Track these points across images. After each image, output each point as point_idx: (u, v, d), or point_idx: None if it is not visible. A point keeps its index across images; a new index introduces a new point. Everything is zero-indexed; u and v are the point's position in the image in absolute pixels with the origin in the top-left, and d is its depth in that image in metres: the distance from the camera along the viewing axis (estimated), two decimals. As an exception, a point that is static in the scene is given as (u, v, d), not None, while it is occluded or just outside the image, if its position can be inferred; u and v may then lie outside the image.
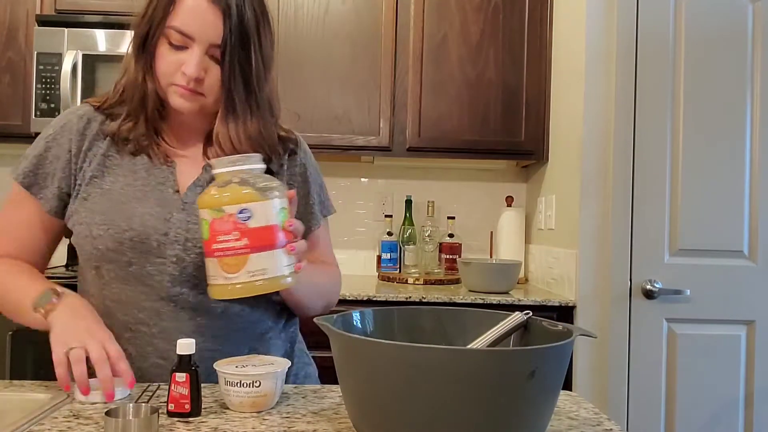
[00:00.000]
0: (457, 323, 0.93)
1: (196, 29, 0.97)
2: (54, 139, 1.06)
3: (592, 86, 2.15)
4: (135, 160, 1.05)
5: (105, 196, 1.02)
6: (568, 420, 0.87)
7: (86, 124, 1.06)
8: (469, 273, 2.33)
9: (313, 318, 0.86)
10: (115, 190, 1.03)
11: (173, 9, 0.97)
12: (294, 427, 0.81)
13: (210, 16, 0.97)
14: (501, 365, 0.66)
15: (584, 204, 2.15)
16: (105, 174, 1.04)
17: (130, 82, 1.03)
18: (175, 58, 0.99)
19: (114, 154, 1.05)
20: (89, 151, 1.05)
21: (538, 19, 2.53)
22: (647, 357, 2.09)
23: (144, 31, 1.00)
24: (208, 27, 0.97)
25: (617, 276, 2.11)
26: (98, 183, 1.03)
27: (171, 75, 1.00)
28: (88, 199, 1.03)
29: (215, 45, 0.98)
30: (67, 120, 1.07)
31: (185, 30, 0.97)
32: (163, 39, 0.99)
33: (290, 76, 2.49)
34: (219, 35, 0.98)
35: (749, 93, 2.12)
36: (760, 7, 2.12)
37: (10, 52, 2.44)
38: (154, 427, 0.73)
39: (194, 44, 0.98)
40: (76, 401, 0.89)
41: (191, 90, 1.00)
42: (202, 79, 1.00)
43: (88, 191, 1.03)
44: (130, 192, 1.03)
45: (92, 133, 1.06)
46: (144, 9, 1.01)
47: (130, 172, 1.04)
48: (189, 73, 0.98)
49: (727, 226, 2.11)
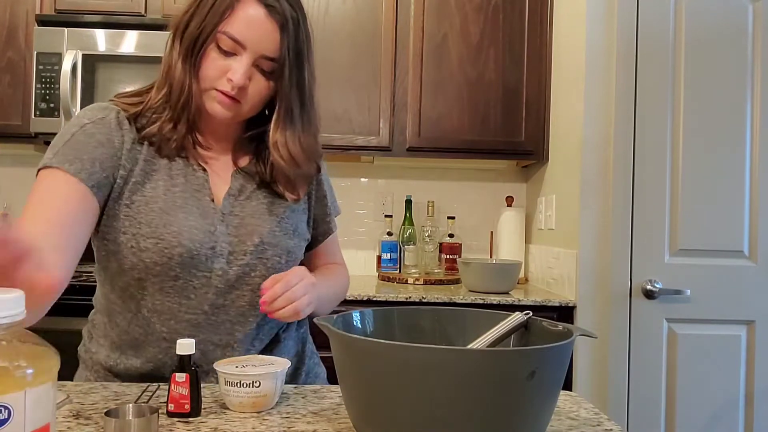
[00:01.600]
0: (457, 323, 0.93)
1: (250, 38, 0.97)
2: (94, 125, 0.99)
3: (592, 86, 2.15)
4: (171, 164, 1.03)
5: (149, 205, 0.99)
6: (568, 420, 0.87)
7: (122, 122, 1.02)
8: (469, 273, 2.33)
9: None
10: (158, 197, 1.00)
11: (230, 15, 0.97)
12: (294, 427, 0.81)
13: (267, 28, 0.98)
14: (501, 365, 0.66)
15: (584, 204, 2.15)
16: (146, 180, 1.01)
17: (178, 84, 1.00)
18: (223, 63, 0.98)
19: (152, 158, 1.03)
20: (131, 151, 1.01)
21: (538, 19, 2.53)
22: (647, 357, 2.09)
23: (195, 33, 0.99)
24: (262, 38, 0.98)
25: (617, 276, 2.11)
26: (141, 190, 1.00)
27: (215, 80, 0.99)
28: (132, 207, 0.99)
29: (265, 56, 0.99)
30: (105, 114, 1.01)
31: (239, 37, 0.97)
32: (213, 43, 0.98)
33: (290, 76, 2.49)
34: (271, 48, 0.98)
35: (749, 93, 2.12)
36: (760, 7, 2.12)
37: (10, 52, 2.44)
38: (154, 427, 0.73)
39: (244, 52, 0.98)
40: (75, 401, 0.89)
41: (232, 97, 0.99)
42: (246, 87, 0.99)
43: (131, 198, 0.99)
44: (170, 199, 1.01)
45: (130, 134, 1.02)
46: (190, 9, 1.00)
47: (168, 176, 1.03)
48: (236, 81, 0.97)
49: (727, 226, 2.11)
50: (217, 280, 1.02)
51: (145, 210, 0.99)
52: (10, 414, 0.50)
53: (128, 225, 0.98)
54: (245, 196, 1.07)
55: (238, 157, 1.10)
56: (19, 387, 0.50)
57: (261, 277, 1.04)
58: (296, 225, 1.10)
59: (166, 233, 0.98)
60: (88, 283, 2.15)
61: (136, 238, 0.98)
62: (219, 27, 0.97)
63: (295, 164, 1.06)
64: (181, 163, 1.04)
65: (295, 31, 1.00)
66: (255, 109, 1.04)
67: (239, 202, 1.06)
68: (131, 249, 0.98)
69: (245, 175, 1.08)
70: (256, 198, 1.08)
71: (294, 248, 1.09)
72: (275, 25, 0.98)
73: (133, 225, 0.98)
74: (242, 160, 1.10)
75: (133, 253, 0.98)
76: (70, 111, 2.31)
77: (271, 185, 1.09)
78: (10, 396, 0.49)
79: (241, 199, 1.06)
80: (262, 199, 1.08)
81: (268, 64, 0.99)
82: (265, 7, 0.97)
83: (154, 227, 0.98)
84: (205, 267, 1.01)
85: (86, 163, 0.95)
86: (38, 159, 2.79)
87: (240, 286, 1.03)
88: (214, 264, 1.01)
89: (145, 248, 0.97)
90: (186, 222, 1.00)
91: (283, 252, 1.06)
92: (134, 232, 0.98)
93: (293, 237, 1.09)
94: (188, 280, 1.00)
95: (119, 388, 0.96)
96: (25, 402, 0.50)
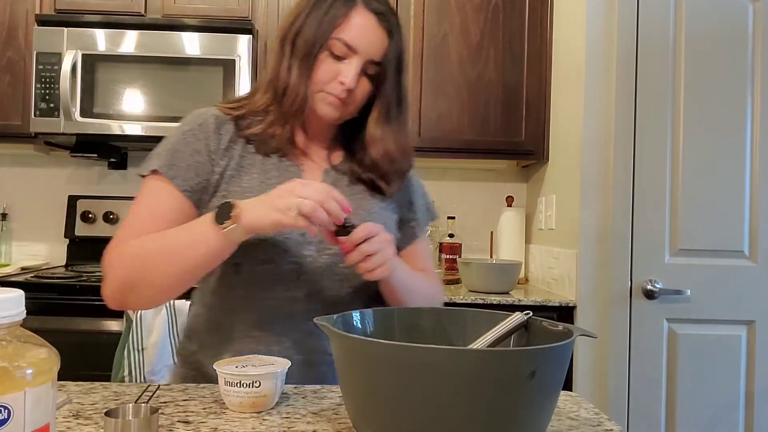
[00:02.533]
0: (457, 323, 0.93)
1: (362, 44, 1.05)
2: (192, 134, 1.08)
3: (592, 86, 2.15)
4: (266, 160, 1.10)
5: (244, 194, 1.04)
6: (569, 420, 0.87)
7: (221, 124, 1.10)
8: (469, 273, 2.33)
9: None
10: (253, 188, 1.06)
11: (343, 22, 1.04)
12: (294, 427, 0.81)
13: (377, 35, 1.06)
14: (501, 365, 0.66)
15: (584, 204, 2.15)
16: (242, 173, 1.07)
17: (292, 88, 1.07)
18: (334, 67, 1.05)
19: (248, 154, 1.09)
20: (227, 151, 1.08)
21: (538, 19, 2.53)
22: (647, 357, 2.09)
23: (311, 40, 1.05)
24: (372, 44, 1.06)
25: (617, 276, 2.11)
26: (237, 182, 1.07)
27: (325, 83, 1.06)
28: (228, 197, 1.04)
29: (373, 61, 1.06)
30: (204, 120, 1.10)
31: (352, 44, 1.04)
32: (327, 49, 1.05)
33: (290, 76, 2.49)
34: (379, 53, 1.07)
35: (749, 93, 2.12)
36: (760, 7, 2.12)
37: (10, 52, 2.44)
38: (154, 427, 0.73)
39: (355, 57, 1.05)
40: (75, 401, 0.89)
41: (342, 99, 1.06)
42: (353, 89, 1.06)
43: (228, 189, 1.06)
44: (264, 190, 1.04)
45: (228, 134, 1.09)
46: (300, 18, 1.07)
47: (262, 171, 1.08)
48: (347, 83, 1.04)
49: (727, 226, 2.11)
50: (307, 268, 1.06)
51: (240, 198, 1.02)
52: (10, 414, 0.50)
53: None
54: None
55: (331, 155, 1.17)
56: (19, 387, 0.50)
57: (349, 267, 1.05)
58: (385, 221, 1.13)
59: None
60: (89, 283, 2.15)
61: None
62: (333, 33, 1.04)
63: (391, 160, 1.12)
64: (276, 160, 1.10)
65: (398, 37, 1.09)
66: (357, 110, 1.11)
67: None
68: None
69: (337, 172, 1.15)
70: (346, 194, 1.11)
71: None
72: (384, 31, 1.07)
73: None
74: (335, 158, 1.17)
75: None
76: (70, 111, 2.31)
77: (364, 181, 1.14)
78: (10, 396, 0.49)
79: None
80: (352, 195, 1.12)
81: (373, 67, 1.07)
82: (375, 15, 1.06)
83: None
84: (296, 253, 1.05)
85: (182, 170, 1.05)
86: (38, 159, 2.80)
87: (329, 276, 1.07)
88: (304, 251, 1.06)
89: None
90: None
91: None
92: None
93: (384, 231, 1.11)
94: (279, 265, 1.05)
95: (119, 388, 0.96)
96: (25, 402, 0.50)
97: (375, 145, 1.11)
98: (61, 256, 2.75)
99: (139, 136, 2.37)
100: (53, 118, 2.34)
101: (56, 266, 2.70)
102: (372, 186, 1.15)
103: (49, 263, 2.76)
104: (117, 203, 2.70)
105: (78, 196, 2.72)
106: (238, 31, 2.39)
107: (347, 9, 1.05)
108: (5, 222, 2.75)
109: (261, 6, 2.51)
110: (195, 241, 0.96)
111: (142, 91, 2.36)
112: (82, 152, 2.51)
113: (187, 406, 0.89)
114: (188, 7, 2.49)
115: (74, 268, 2.51)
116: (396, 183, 1.16)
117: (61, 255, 2.76)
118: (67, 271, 2.44)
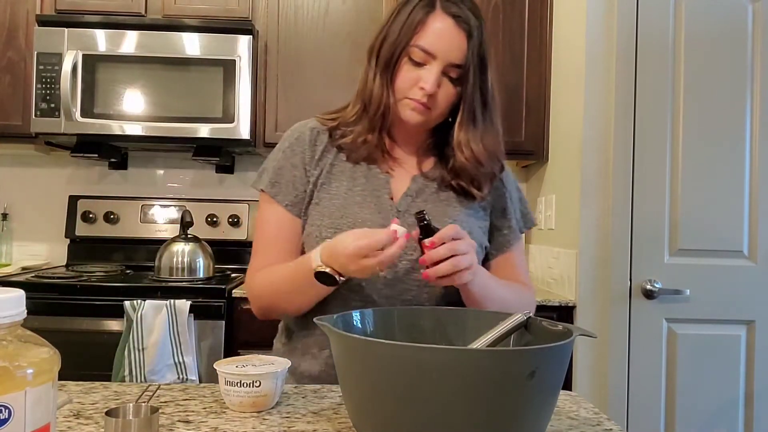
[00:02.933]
0: (457, 323, 0.94)
1: (441, 49, 1.05)
2: (291, 149, 1.15)
3: (592, 86, 2.15)
4: (355, 167, 1.14)
5: (332, 201, 1.11)
6: (568, 420, 0.87)
7: (316, 136, 1.16)
8: (469, 273, 2.33)
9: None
10: (340, 194, 1.11)
11: (420, 29, 1.06)
12: (294, 427, 0.81)
13: (455, 38, 1.06)
14: (501, 365, 0.66)
15: (584, 204, 2.15)
16: (331, 180, 1.13)
17: (376, 97, 1.10)
18: (415, 74, 1.07)
19: (339, 162, 1.14)
20: (320, 161, 1.14)
21: (538, 19, 2.53)
22: (647, 357, 2.09)
23: (391, 49, 1.08)
24: (452, 47, 1.05)
25: (617, 276, 2.11)
26: (326, 189, 1.12)
27: (407, 90, 1.08)
28: (320, 204, 1.11)
29: (453, 64, 1.06)
30: (300, 133, 1.16)
31: (430, 49, 1.05)
32: (406, 56, 1.07)
33: (290, 76, 2.49)
34: (459, 56, 1.06)
35: (749, 93, 2.12)
36: (760, 7, 2.12)
37: (10, 52, 2.44)
38: (154, 427, 0.73)
39: (434, 62, 1.06)
40: (75, 401, 0.89)
41: (424, 104, 1.07)
42: (435, 94, 1.07)
43: (319, 197, 1.12)
44: (351, 197, 1.11)
45: (322, 144, 1.15)
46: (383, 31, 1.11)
47: (350, 178, 1.13)
48: (428, 89, 1.05)
49: (727, 226, 2.11)
50: (387, 271, 1.06)
51: (328, 205, 1.11)
52: (11, 414, 0.49)
53: (316, 218, 1.11)
54: (423, 198, 1.14)
55: (422, 161, 1.18)
56: (20, 387, 0.50)
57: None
58: (471, 228, 1.11)
59: (343, 224, 1.08)
60: (89, 283, 2.16)
61: (320, 228, 1.09)
62: (411, 41, 1.06)
63: (479, 163, 1.12)
64: (365, 167, 1.14)
65: (479, 37, 1.07)
66: (443, 115, 1.12)
67: (416, 202, 1.13)
68: (316, 239, 1.09)
69: (426, 179, 1.16)
70: (433, 200, 1.14)
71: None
72: (462, 34, 1.06)
73: (318, 218, 1.11)
74: (426, 165, 1.18)
75: (317, 242, 1.07)
76: (71, 111, 2.31)
77: (453, 186, 1.14)
78: (10, 396, 0.49)
79: (418, 200, 1.13)
80: (438, 201, 1.14)
81: (456, 71, 1.07)
82: (453, 18, 1.06)
83: (333, 219, 1.09)
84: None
85: (283, 186, 1.13)
86: (38, 159, 2.80)
87: (407, 281, 1.08)
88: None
89: (326, 236, 1.07)
90: (361, 214, 1.09)
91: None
92: (318, 224, 1.10)
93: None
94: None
95: (120, 387, 0.97)
96: (26, 402, 0.50)
97: (461, 149, 1.11)
98: (62, 256, 2.75)
99: (140, 136, 2.37)
100: (54, 118, 2.34)
101: (57, 266, 2.70)
102: (463, 192, 1.15)
103: (50, 263, 2.76)
104: (117, 203, 2.71)
105: (78, 196, 2.72)
106: (239, 32, 2.39)
107: (425, 15, 1.06)
108: (6, 222, 2.76)
109: (261, 6, 2.51)
110: (306, 286, 1.03)
111: (142, 92, 2.37)
112: (82, 152, 2.51)
113: (188, 405, 0.89)
114: (188, 8, 2.49)
115: (75, 268, 2.51)
116: (486, 187, 1.15)
117: (61, 255, 2.76)
118: (68, 271, 2.44)
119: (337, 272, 0.97)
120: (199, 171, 2.83)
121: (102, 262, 2.65)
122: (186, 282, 2.21)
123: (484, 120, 1.12)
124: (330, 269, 0.97)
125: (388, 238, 0.94)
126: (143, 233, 2.69)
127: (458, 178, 1.13)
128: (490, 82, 1.12)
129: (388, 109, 1.10)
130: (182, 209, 2.61)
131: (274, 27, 2.51)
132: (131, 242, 2.70)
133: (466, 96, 1.09)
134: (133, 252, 2.70)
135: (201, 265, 2.29)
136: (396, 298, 1.08)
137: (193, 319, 2.07)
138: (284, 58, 2.50)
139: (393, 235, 0.95)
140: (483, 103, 1.11)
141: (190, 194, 2.81)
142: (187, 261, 2.28)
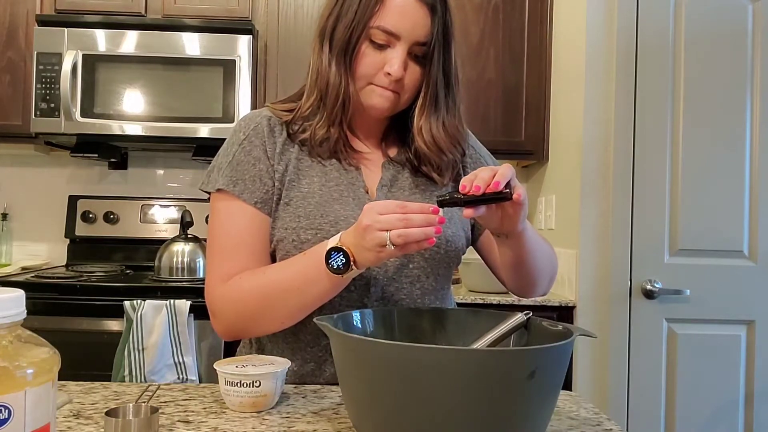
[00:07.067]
0: (457, 323, 0.93)
1: (405, 28, 0.97)
2: (249, 141, 1.04)
3: (592, 86, 2.15)
4: (324, 162, 1.05)
5: (306, 199, 1.01)
6: (568, 420, 0.87)
7: (273, 126, 1.05)
8: (469, 273, 2.33)
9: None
10: (314, 192, 1.02)
11: (379, 9, 0.97)
12: (294, 427, 0.81)
13: (419, 14, 0.97)
14: (501, 365, 0.66)
15: (584, 204, 2.15)
16: (300, 177, 1.03)
17: (333, 87, 1.01)
18: (378, 58, 0.98)
19: (305, 157, 1.05)
20: (282, 154, 1.04)
21: (538, 19, 2.53)
22: (647, 357, 2.10)
23: (347, 33, 0.98)
24: (416, 25, 0.97)
25: (617, 276, 2.11)
26: (296, 187, 1.02)
27: (371, 76, 1.00)
28: (291, 204, 1.02)
29: (419, 43, 0.98)
30: (257, 123, 1.05)
31: (393, 29, 0.97)
32: (366, 39, 0.98)
33: (290, 76, 2.49)
34: (425, 33, 0.98)
35: (749, 93, 2.12)
36: (760, 7, 2.12)
37: (10, 52, 2.44)
38: (154, 427, 0.73)
39: (399, 43, 0.98)
40: (75, 401, 0.89)
41: (392, 89, 1.00)
42: (402, 78, 0.99)
43: (289, 195, 1.02)
44: (326, 193, 1.02)
45: (282, 137, 1.05)
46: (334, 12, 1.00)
47: (322, 173, 1.04)
48: (394, 73, 0.97)
49: (727, 226, 2.11)
50: (376, 271, 1.01)
51: (303, 204, 1.01)
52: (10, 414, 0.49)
53: (289, 220, 1.01)
54: (398, 186, 1.07)
55: (387, 147, 1.11)
56: (19, 387, 0.50)
57: (419, 268, 1.03)
58: (452, 212, 1.06)
59: (324, 223, 0.99)
60: (89, 283, 2.15)
61: (297, 231, 1.00)
62: (370, 22, 0.97)
63: (440, 150, 1.05)
64: (334, 161, 1.05)
65: (443, 11, 0.99)
66: (411, 99, 1.04)
67: (392, 192, 1.06)
68: (293, 243, 1.00)
69: (395, 165, 1.09)
70: (410, 188, 1.07)
71: (452, 237, 1.06)
72: (425, 8, 0.97)
73: (292, 219, 1.01)
74: (391, 150, 1.11)
75: (294, 246, 1.00)
76: (70, 111, 2.31)
77: (421, 171, 1.08)
78: (10, 396, 0.49)
79: (394, 189, 1.07)
80: (414, 188, 1.08)
81: (420, 49, 0.99)
82: None
83: (312, 219, 1.00)
84: None
85: (248, 182, 1.01)
86: (38, 159, 2.80)
87: (399, 278, 1.02)
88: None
89: (305, 240, 0.99)
90: (342, 212, 1.01)
91: (441, 241, 1.04)
92: (294, 226, 1.00)
93: (450, 225, 1.06)
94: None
95: (120, 387, 0.97)
96: (25, 402, 0.50)
97: (422, 136, 1.04)
98: (62, 256, 2.75)
99: (140, 136, 2.37)
100: (54, 118, 2.34)
101: (57, 266, 2.70)
102: (429, 177, 1.08)
103: (50, 263, 2.76)
104: (117, 203, 2.71)
105: (78, 196, 2.72)
106: (239, 32, 2.39)
107: None
108: (6, 222, 2.75)
109: (261, 6, 2.51)
110: (310, 283, 0.93)
111: (142, 92, 2.37)
112: (82, 152, 2.51)
113: (188, 405, 0.89)
114: (188, 8, 2.49)
115: (75, 268, 2.51)
116: (448, 173, 1.09)
117: (61, 255, 2.76)
118: (68, 271, 2.44)
119: (351, 254, 0.88)
120: (199, 171, 2.83)
121: (102, 262, 2.65)
122: (186, 282, 2.21)
123: (446, 103, 1.05)
124: (346, 248, 0.88)
125: (421, 208, 0.85)
126: (143, 233, 2.69)
127: (421, 164, 1.07)
128: (454, 60, 1.04)
129: (348, 99, 1.00)
130: (182, 209, 2.61)
131: (274, 27, 2.51)
132: (131, 242, 2.70)
133: (430, 78, 1.01)
134: (133, 252, 2.70)
135: (201, 265, 2.29)
136: (389, 299, 1.03)
137: (193, 319, 2.07)
138: (284, 58, 2.50)
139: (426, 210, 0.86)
140: (446, 85, 1.04)
141: (190, 194, 2.81)
142: (187, 261, 2.28)
